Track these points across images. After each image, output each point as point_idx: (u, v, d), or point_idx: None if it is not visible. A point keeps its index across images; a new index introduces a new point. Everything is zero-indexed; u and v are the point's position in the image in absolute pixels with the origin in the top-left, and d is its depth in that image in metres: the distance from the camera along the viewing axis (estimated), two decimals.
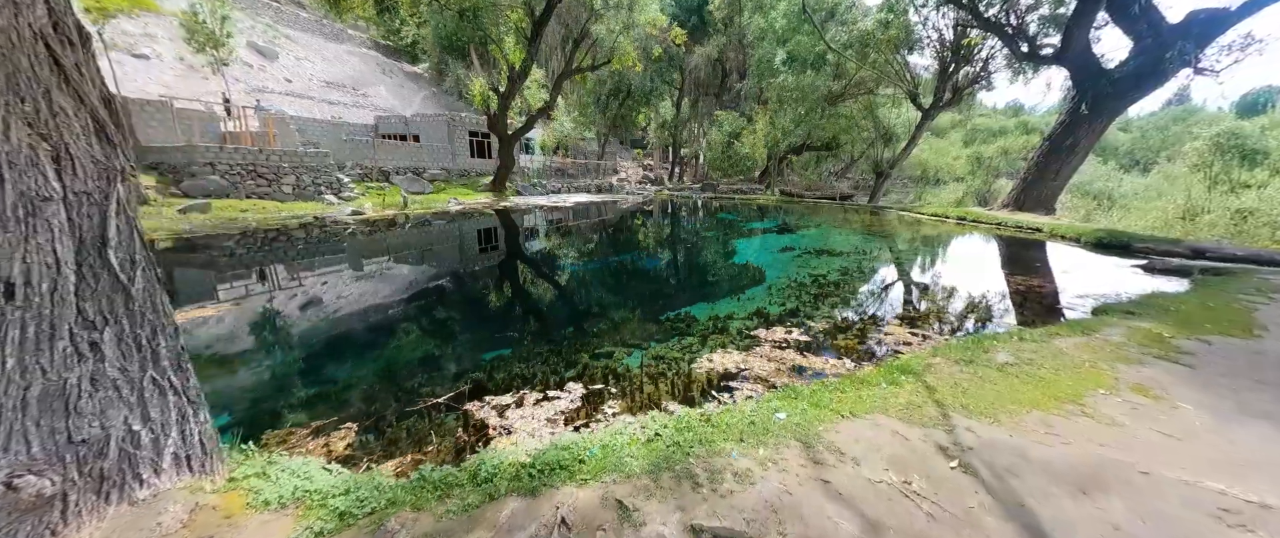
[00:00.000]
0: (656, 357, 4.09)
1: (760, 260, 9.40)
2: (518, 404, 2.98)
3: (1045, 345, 3.92)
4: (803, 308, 5.84)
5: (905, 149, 23.61)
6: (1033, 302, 6.12)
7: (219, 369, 3.87)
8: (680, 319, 5.43)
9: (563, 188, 31.68)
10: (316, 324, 5.23)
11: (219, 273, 7.58)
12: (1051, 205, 13.87)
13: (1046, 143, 13.69)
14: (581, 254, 10.48)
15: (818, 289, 6.79)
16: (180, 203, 13.18)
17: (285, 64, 36.36)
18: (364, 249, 10.29)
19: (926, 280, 7.53)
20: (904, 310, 5.81)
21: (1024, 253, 9.87)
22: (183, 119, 16.96)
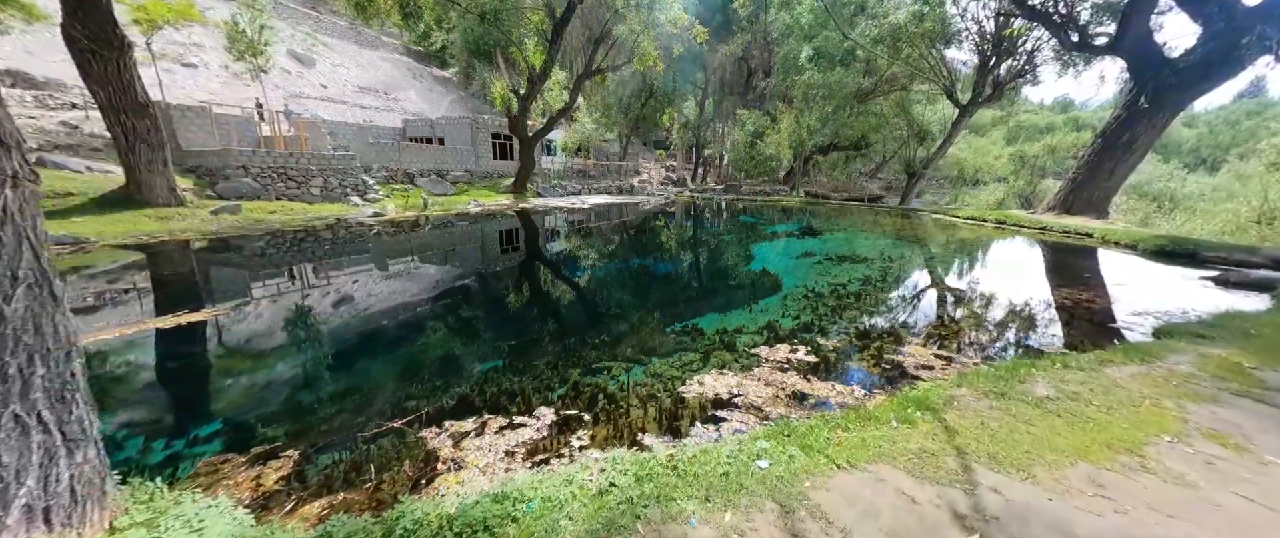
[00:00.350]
0: (654, 374, 3.76)
1: (778, 267, 8.90)
2: (479, 432, 2.72)
3: (1095, 375, 3.37)
4: (818, 322, 5.39)
5: (940, 148, 22.37)
6: (1080, 320, 5.45)
7: (181, 383, 3.79)
8: (686, 332, 5.07)
9: (583, 189, 31.67)
10: (304, 333, 5.15)
11: (229, 275, 7.73)
12: (1104, 208, 12.68)
13: (1099, 140, 12.53)
14: (593, 259, 10.23)
15: (836, 301, 6.29)
16: (214, 204, 13.70)
17: (322, 70, 37.87)
18: (378, 251, 10.36)
19: (957, 293, 6.89)
20: (929, 327, 5.26)
21: (1071, 261, 8.99)
22: (222, 124, 17.74)
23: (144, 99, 12.16)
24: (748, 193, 30.93)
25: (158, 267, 7.83)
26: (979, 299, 6.40)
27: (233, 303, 5.88)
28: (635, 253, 11.14)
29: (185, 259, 8.59)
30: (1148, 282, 7.31)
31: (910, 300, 6.56)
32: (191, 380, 3.81)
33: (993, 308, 5.96)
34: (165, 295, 6.16)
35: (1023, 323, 5.40)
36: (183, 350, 4.45)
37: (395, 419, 2.79)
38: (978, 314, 5.74)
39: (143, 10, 17.63)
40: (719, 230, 15.44)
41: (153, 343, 4.51)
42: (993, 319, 5.53)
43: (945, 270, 8.51)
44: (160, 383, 3.69)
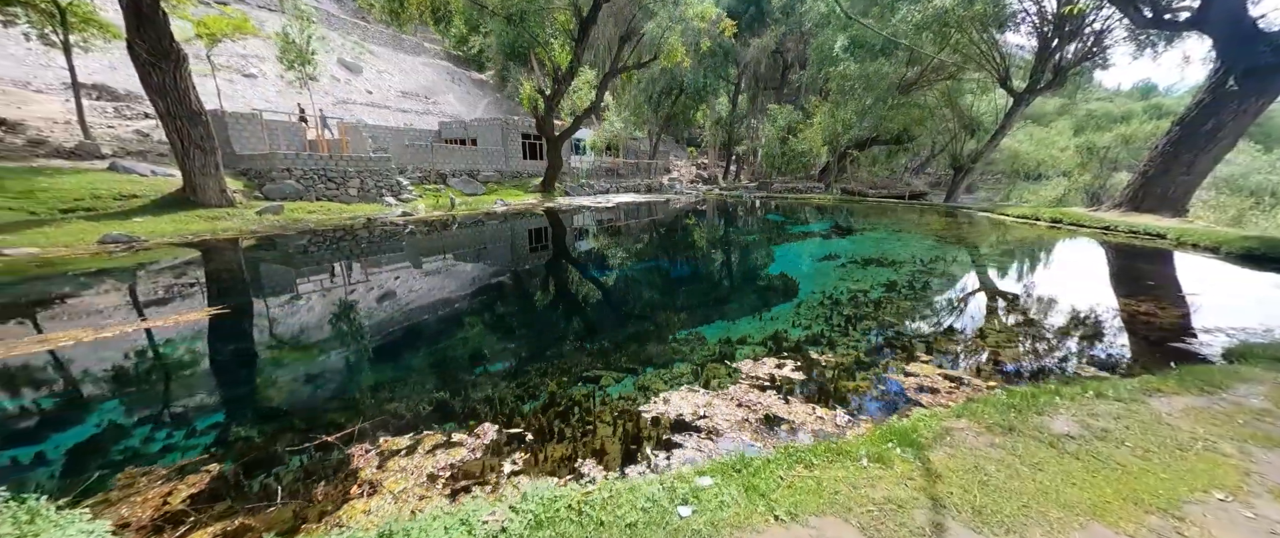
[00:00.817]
0: (643, 387, 3.51)
1: (798, 271, 8.38)
2: (411, 450, 2.58)
3: (1135, 408, 2.82)
4: (828, 333, 4.95)
5: (991, 140, 20.66)
6: (1135, 335, 4.72)
7: (143, 385, 3.89)
8: (687, 341, 4.79)
9: (611, 188, 31.67)
10: (288, 334, 5.27)
11: (258, 270, 8.13)
12: (1181, 205, 11.13)
13: (1177, 128, 11.01)
14: (605, 261, 10.07)
15: (853, 309, 5.79)
16: (260, 205, 14.61)
17: (368, 77, 39.89)
18: (396, 249, 10.65)
19: (992, 303, 6.19)
20: (948, 342, 4.71)
21: (1135, 266, 7.94)
22: (271, 130, 18.92)
23: (197, 107, 13.09)
24: (780, 190, 29.93)
25: (187, 266, 8.36)
26: (1016, 310, 5.71)
27: (215, 307, 6.11)
28: (651, 254, 10.88)
29: (220, 257, 9.12)
30: (1228, 291, 6.31)
31: (938, 311, 5.94)
32: (151, 383, 3.91)
33: (1030, 320, 5.28)
34: (180, 292, 6.52)
35: (1060, 339, 4.74)
36: (148, 353, 4.62)
37: (331, 434, 2.71)
38: (1010, 328, 5.10)
39: (204, 25, 19.08)
40: (743, 230, 14.91)
41: (129, 343, 4.71)
42: (1028, 334, 4.89)
43: (984, 277, 7.72)
44: (119, 385, 3.81)
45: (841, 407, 3.24)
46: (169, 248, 9.41)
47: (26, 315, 5.25)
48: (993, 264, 8.60)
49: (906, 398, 3.38)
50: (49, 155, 14.09)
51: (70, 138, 15.69)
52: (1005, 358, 4.24)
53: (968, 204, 19.97)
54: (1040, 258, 8.84)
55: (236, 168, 17.14)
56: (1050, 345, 4.58)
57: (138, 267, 7.74)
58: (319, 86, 34.38)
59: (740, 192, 30.94)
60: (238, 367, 4.25)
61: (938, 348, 4.50)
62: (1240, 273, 7.21)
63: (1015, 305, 5.86)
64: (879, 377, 3.81)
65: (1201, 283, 6.72)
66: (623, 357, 4.32)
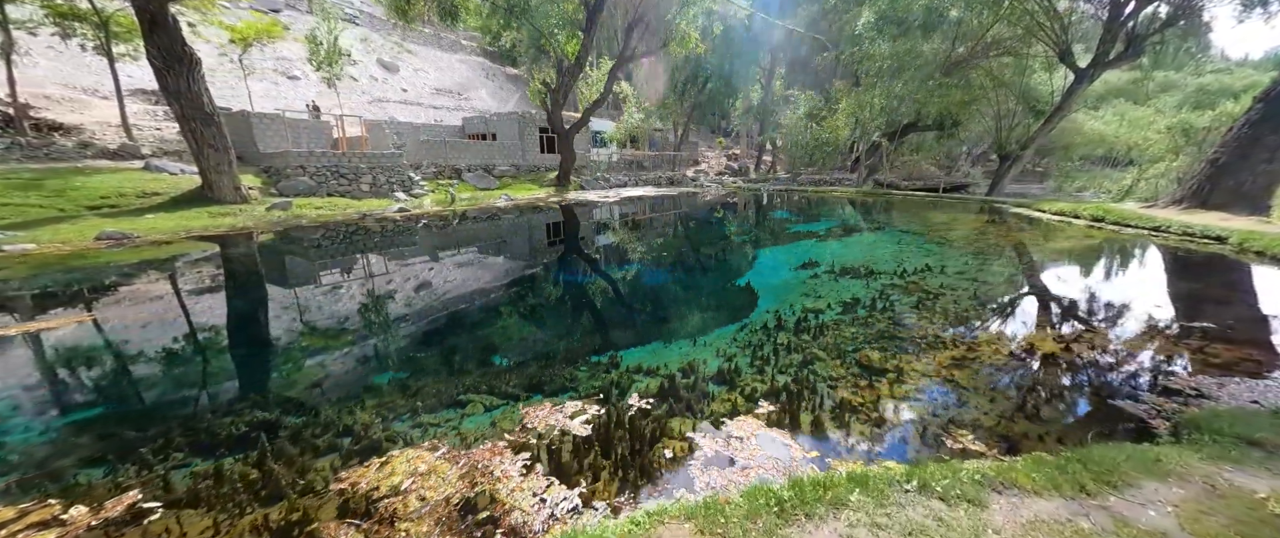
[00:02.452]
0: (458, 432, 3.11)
1: (767, 282, 7.53)
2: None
3: (957, 515, 2.03)
4: (745, 370, 4.19)
5: (1044, 124, 18.11)
6: (1090, 384, 3.66)
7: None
8: (597, 367, 4.32)
9: (630, 182, 31.16)
10: (215, 334, 5.30)
11: (240, 268, 8.48)
12: (1262, 201, 8.96)
13: (1260, 105, 8.86)
14: (568, 264, 9.70)
15: (791, 336, 4.95)
16: (272, 201, 15.47)
17: (404, 75, 41.62)
18: (370, 246, 10.79)
19: (945, 331, 5.16)
20: (850, 379, 3.89)
21: (1171, 281, 6.45)
22: (296, 128, 20.00)
23: (210, 109, 13.93)
24: (805, 183, 28.16)
25: (156, 263, 8.82)
26: (968, 346, 4.69)
27: (81, 315, 6.27)
28: (619, 258, 10.36)
29: (205, 253, 9.61)
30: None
31: (874, 340, 5.01)
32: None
33: (977, 359, 4.29)
34: (93, 293, 6.82)
35: (993, 387, 3.77)
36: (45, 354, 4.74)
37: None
38: (948, 368, 4.14)
39: (236, 30, 20.42)
40: (740, 229, 13.97)
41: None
42: (961, 380, 3.94)
43: (955, 296, 6.55)
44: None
45: (636, 484, 2.63)
46: (158, 246, 10.01)
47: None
48: (984, 277, 7.31)
49: (704, 472, 2.71)
50: (95, 156, 15.63)
51: (118, 140, 17.33)
52: (893, 419, 3.39)
53: (1011, 197, 17.64)
54: (1047, 269, 7.42)
55: (260, 166, 18.30)
56: (973, 396, 3.64)
57: (107, 265, 8.27)
58: (358, 86, 36.32)
59: (759, 185, 29.40)
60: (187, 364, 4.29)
61: (825, 391, 3.72)
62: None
63: (974, 340, 4.82)
64: (714, 426, 3.15)
65: (1244, 307, 5.28)
66: (511, 380, 3.93)
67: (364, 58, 39.20)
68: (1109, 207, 10.67)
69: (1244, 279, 6.33)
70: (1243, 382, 3.30)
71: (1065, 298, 5.91)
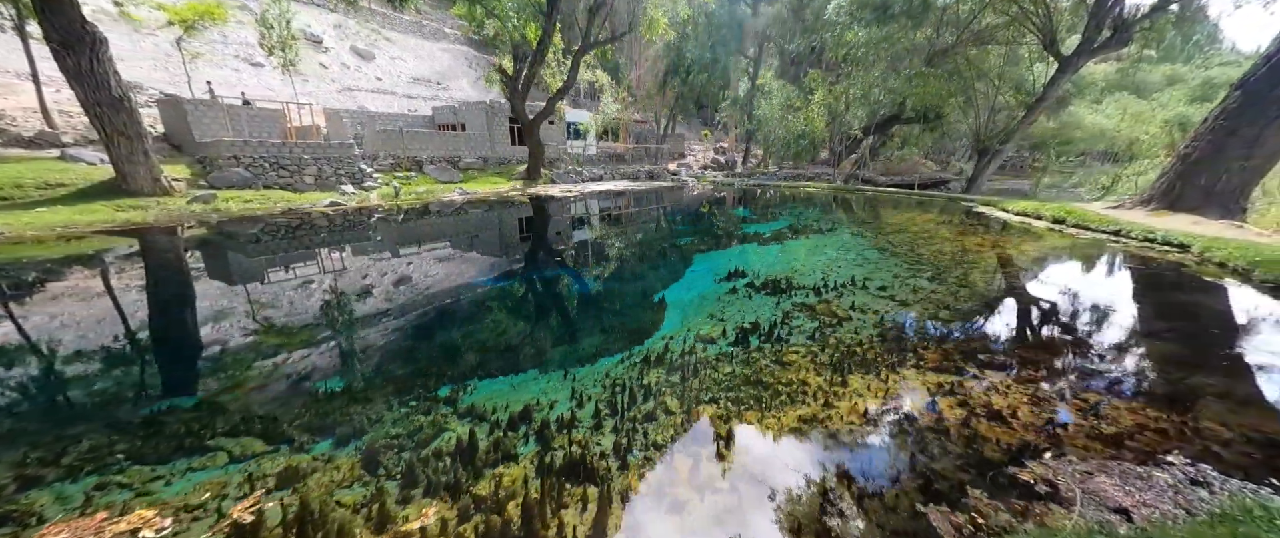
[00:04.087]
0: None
1: (683, 298, 6.58)
2: None
3: None
4: (584, 420, 3.41)
5: (1026, 117, 17.06)
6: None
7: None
8: (429, 403, 3.60)
9: (605, 175, 30.17)
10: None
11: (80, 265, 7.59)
12: (1236, 201, 7.91)
13: (1237, 93, 7.80)
14: (477, 268, 8.81)
15: (668, 372, 4.13)
16: (196, 193, 14.56)
17: (380, 63, 40.51)
18: (270, 247, 9.90)
19: (823, 377, 4.24)
20: (648, 455, 2.99)
21: (1125, 305, 5.51)
22: (237, 116, 19.01)
23: (119, 93, 12.96)
24: (786, 177, 27.14)
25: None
26: (835, 389, 3.76)
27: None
28: (538, 262, 9.46)
29: (78, 251, 8.72)
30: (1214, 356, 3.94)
31: (746, 385, 4.12)
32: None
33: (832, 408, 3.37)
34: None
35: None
36: None
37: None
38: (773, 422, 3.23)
39: (175, 12, 19.41)
40: (692, 228, 13.03)
41: None
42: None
43: (871, 319, 5.61)
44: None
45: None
46: (17, 244, 9.13)
47: None
48: (902, 295, 6.35)
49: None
50: (7, 144, 14.72)
51: (37, 127, 16.41)
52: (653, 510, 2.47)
53: (985, 195, 16.58)
54: (972, 288, 6.45)
55: (196, 156, 17.38)
56: (780, 494, 2.72)
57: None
58: (328, 73, 35.29)
59: (737, 179, 28.34)
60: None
61: (637, 456, 2.82)
62: (1266, 315, 4.67)
63: (839, 391, 3.90)
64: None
65: (1177, 344, 4.33)
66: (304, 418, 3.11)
67: (336, 45, 38.11)
68: (1071, 208, 9.65)
69: (1192, 302, 5.34)
70: (1123, 469, 2.34)
71: (969, 333, 4.95)
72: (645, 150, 37.04)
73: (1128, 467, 2.32)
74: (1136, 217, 8.24)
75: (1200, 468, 2.28)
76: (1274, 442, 2.56)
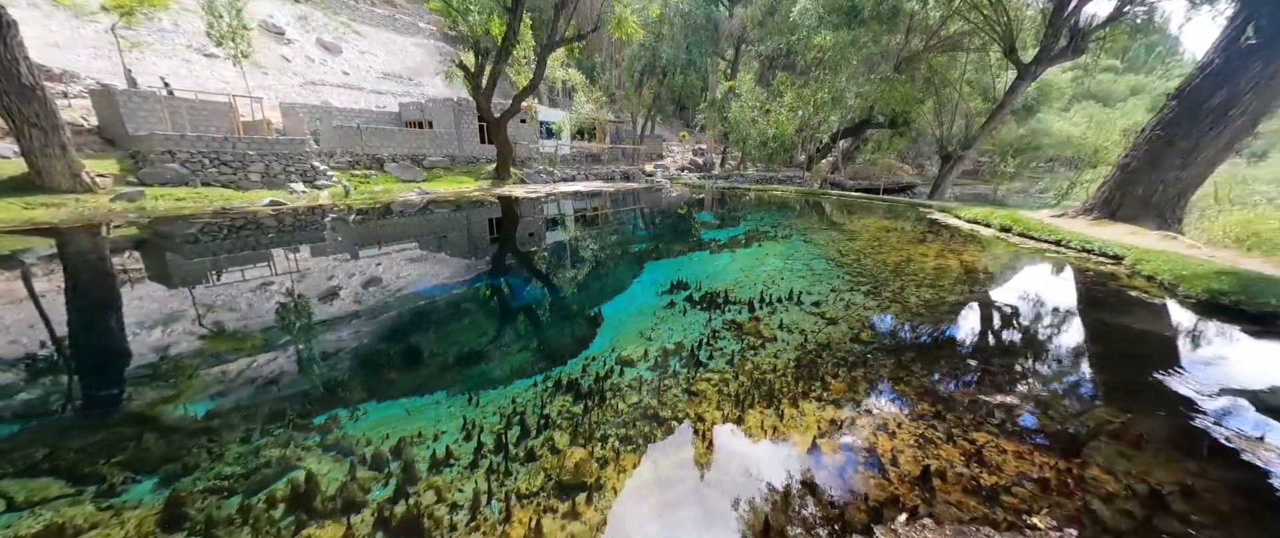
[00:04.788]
0: None
1: (621, 311, 6.19)
2: None
3: None
4: (461, 457, 3.09)
5: (985, 124, 17.18)
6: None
7: None
8: (302, 429, 3.29)
9: (578, 176, 29.65)
10: None
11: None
12: (1172, 211, 7.88)
13: (1174, 103, 7.78)
14: (413, 275, 8.28)
15: (575, 399, 3.81)
16: (121, 191, 13.61)
17: (348, 57, 39.19)
18: (176, 252, 9.18)
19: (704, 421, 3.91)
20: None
21: (1047, 323, 5.34)
22: (177, 108, 17.96)
23: (29, 81, 12.02)
24: (758, 181, 27.01)
25: None
26: (725, 429, 3.43)
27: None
28: (481, 268, 8.97)
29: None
30: (1188, 374, 3.73)
31: (641, 420, 3.78)
32: None
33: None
34: None
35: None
36: None
37: None
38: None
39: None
40: (649, 233, 12.67)
41: None
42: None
43: (794, 341, 5.32)
44: None
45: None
46: None
47: None
48: (833, 312, 6.08)
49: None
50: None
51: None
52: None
53: (945, 202, 16.63)
54: (906, 300, 6.21)
55: (129, 150, 16.34)
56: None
57: None
58: (290, 66, 33.95)
59: (708, 182, 28.11)
60: None
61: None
62: (1211, 332, 4.52)
63: (732, 428, 3.56)
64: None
65: (1077, 375, 4.11)
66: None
67: (301, 37, 36.70)
68: (1018, 216, 9.59)
69: (1112, 323, 5.08)
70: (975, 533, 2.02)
71: (882, 358, 4.62)
72: (622, 151, 36.62)
73: (987, 535, 2.02)
74: (1079, 226, 8.17)
75: (1066, 535, 1.99)
76: (1157, 495, 2.30)
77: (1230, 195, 11.70)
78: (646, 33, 29.60)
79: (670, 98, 39.70)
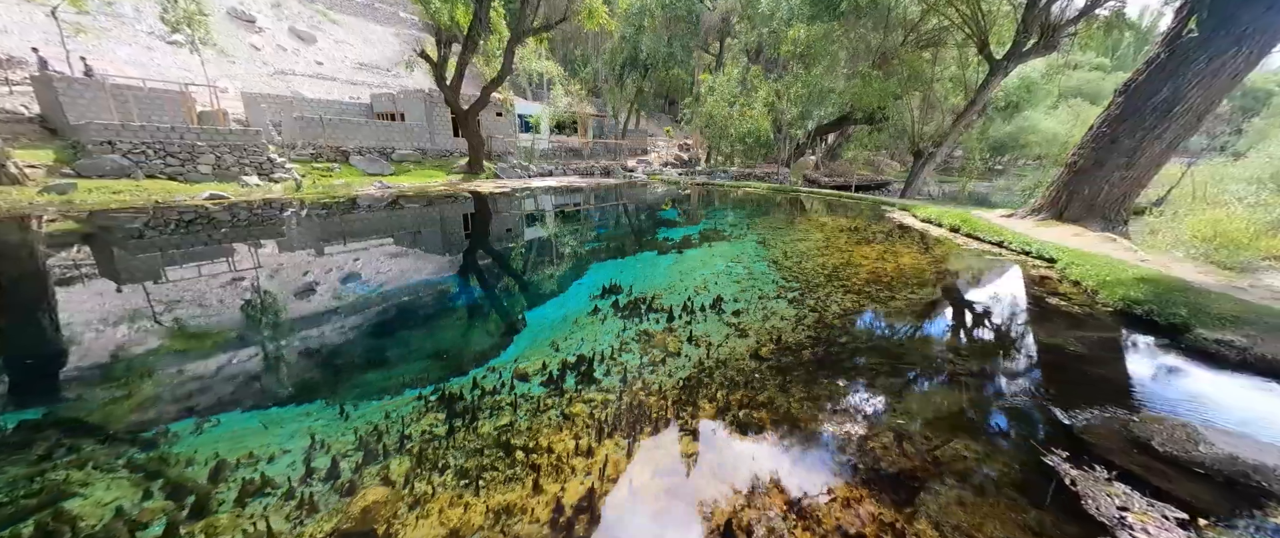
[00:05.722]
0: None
1: (548, 316, 5.82)
2: None
3: None
4: (284, 481, 2.85)
5: (957, 120, 16.90)
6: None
7: None
8: (121, 444, 3.00)
9: (555, 171, 29.11)
10: None
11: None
12: (1117, 212, 7.52)
13: (1120, 99, 7.43)
14: (348, 268, 7.86)
15: (450, 419, 3.52)
16: (51, 183, 12.99)
17: (322, 47, 38.22)
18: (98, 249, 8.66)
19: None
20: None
21: (969, 328, 5.02)
22: (124, 97, 17.22)
23: None
24: (736, 177, 26.65)
25: None
26: (576, 473, 3.07)
27: None
28: (430, 263, 8.53)
29: None
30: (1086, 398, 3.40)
31: (493, 448, 3.42)
32: None
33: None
34: None
35: None
36: None
37: None
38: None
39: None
40: (608, 231, 12.26)
41: None
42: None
43: (693, 358, 4.98)
44: None
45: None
46: None
47: None
48: (751, 325, 5.76)
49: None
50: None
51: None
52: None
53: (893, 200, 16.33)
54: (828, 311, 5.86)
55: (68, 140, 15.64)
56: None
57: None
58: (260, 55, 32.99)
59: (682, 177, 27.70)
60: None
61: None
62: (1091, 348, 4.21)
63: (582, 468, 3.20)
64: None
65: (977, 384, 3.79)
66: None
67: (273, 25, 35.69)
68: (967, 215, 9.27)
69: (1015, 337, 4.77)
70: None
71: (768, 378, 4.23)
72: (604, 146, 36.06)
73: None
74: (1026, 226, 7.86)
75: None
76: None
77: (1206, 195, 11.49)
78: (626, 24, 29.00)
79: (659, 92, 39.11)
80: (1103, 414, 3.09)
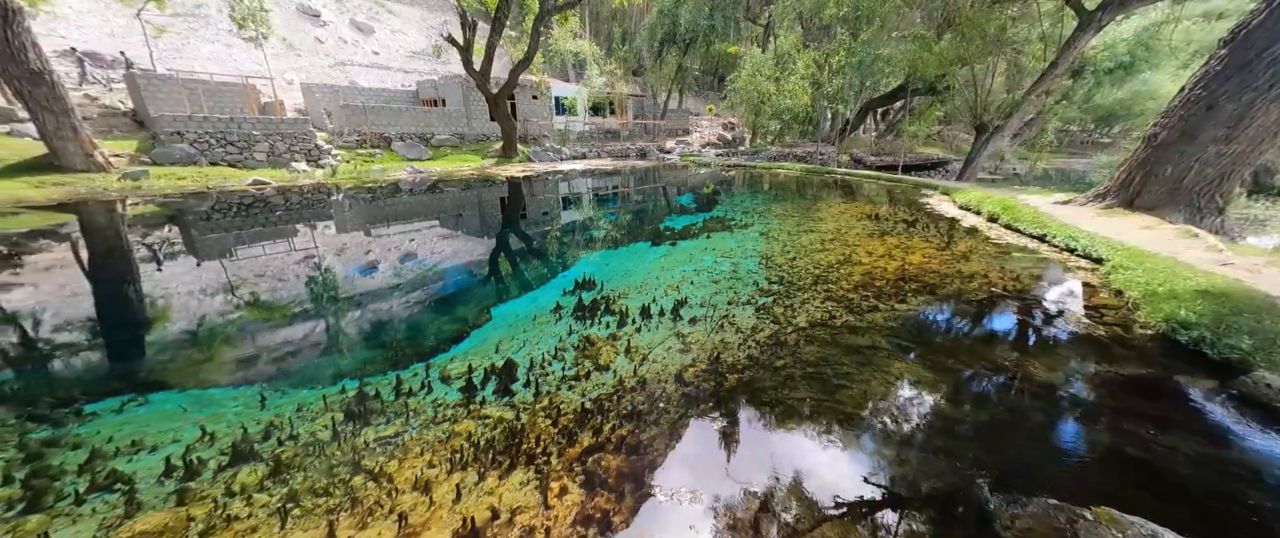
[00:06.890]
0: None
1: (518, 311, 5.60)
2: None
3: None
4: (151, 478, 2.81)
5: (1033, 87, 14.41)
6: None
7: None
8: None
9: (590, 153, 28.84)
10: None
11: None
12: (1209, 201, 5.63)
13: (1223, 53, 5.48)
14: (336, 252, 8.14)
15: (373, 425, 3.40)
16: (129, 170, 14.62)
17: (380, 37, 40.15)
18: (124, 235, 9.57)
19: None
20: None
21: (948, 367, 4.00)
22: (195, 91, 18.99)
23: (38, 67, 12.90)
24: (773, 158, 24.94)
25: None
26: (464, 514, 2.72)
27: None
28: (422, 248, 8.66)
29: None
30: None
31: (352, 475, 3.20)
32: None
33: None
34: None
35: None
36: None
37: None
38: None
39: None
40: (614, 218, 11.79)
41: None
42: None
43: (633, 384, 4.42)
44: None
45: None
46: None
47: None
48: (709, 346, 5.04)
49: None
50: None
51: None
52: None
53: (947, 184, 14.19)
54: (806, 321, 4.96)
55: (151, 131, 17.52)
56: None
57: None
58: (323, 48, 35.25)
59: (717, 160, 26.30)
60: None
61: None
62: (1108, 395, 3.11)
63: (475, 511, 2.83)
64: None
65: (950, 446, 2.88)
66: None
67: (336, 18, 37.94)
68: (1010, 202, 7.57)
69: (1008, 375, 3.61)
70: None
71: (692, 403, 3.54)
72: (643, 127, 35.21)
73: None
74: (1083, 216, 6.26)
75: None
76: None
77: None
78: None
79: (705, 68, 37.44)
80: (1047, 509, 2.20)
